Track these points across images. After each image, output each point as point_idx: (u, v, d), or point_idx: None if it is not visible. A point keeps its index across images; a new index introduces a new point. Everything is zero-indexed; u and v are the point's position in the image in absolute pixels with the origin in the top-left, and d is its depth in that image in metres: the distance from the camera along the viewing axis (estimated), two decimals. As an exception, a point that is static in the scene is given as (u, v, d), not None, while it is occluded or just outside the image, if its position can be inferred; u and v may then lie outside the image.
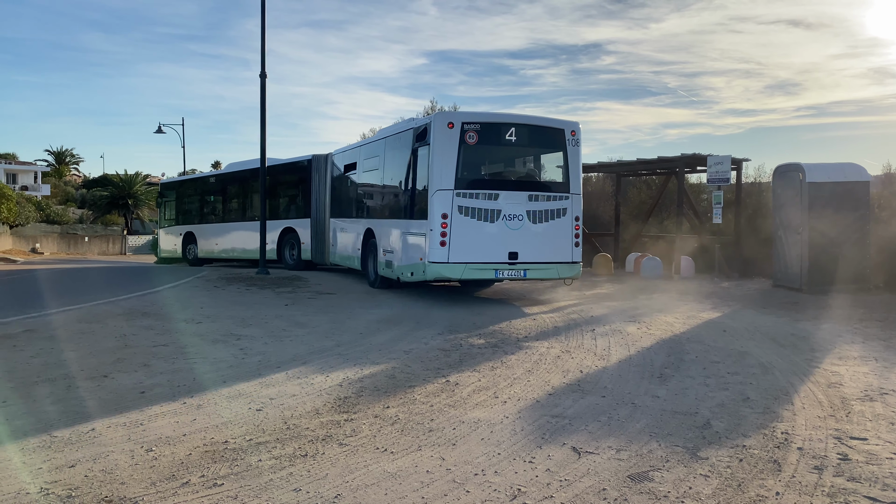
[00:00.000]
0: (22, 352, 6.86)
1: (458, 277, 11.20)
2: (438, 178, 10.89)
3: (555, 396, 5.73)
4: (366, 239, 13.84)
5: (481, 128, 11.11)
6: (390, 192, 13.18)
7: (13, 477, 3.74)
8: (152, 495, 3.54)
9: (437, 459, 4.17)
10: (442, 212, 10.79)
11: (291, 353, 7.26)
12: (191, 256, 22.66)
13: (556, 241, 11.40)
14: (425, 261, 10.92)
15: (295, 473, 3.88)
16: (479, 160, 11.50)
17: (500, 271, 11.12)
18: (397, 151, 12.73)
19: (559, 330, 8.90)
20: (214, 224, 21.68)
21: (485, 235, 10.94)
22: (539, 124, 11.78)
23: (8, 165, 66.98)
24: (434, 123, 11.15)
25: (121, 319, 8.89)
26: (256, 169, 18.79)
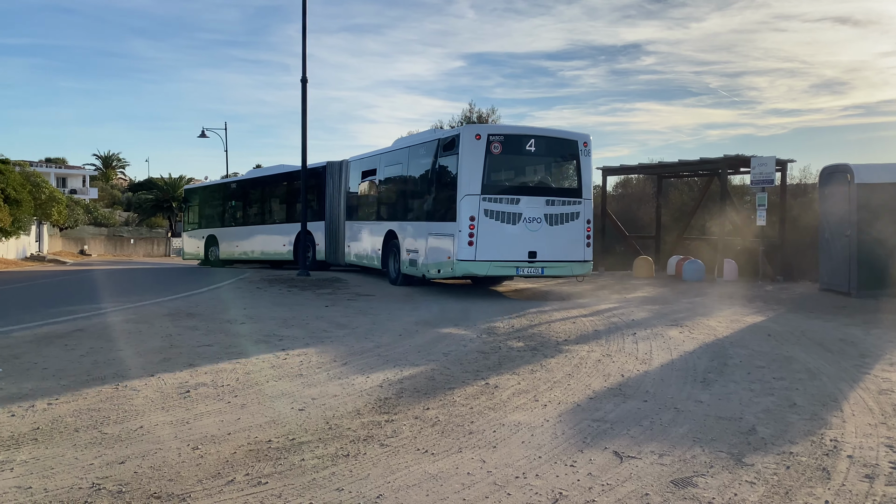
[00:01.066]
0: (73, 351, 7.06)
1: (484, 274, 12.27)
2: (467, 184, 11.99)
3: (596, 400, 5.68)
4: (387, 240, 14.80)
5: (504, 139, 12.34)
6: (414, 197, 14.19)
7: (67, 472, 3.84)
8: (199, 492, 3.61)
9: (478, 461, 4.17)
10: (470, 214, 11.90)
11: (332, 353, 7.34)
12: (212, 258, 23.65)
13: (570, 242, 12.48)
14: (453, 259, 12.05)
15: (337, 473, 3.92)
16: (503, 168, 12.69)
17: (521, 268, 12.25)
18: (423, 160, 13.80)
19: (599, 333, 8.82)
20: (235, 227, 22.67)
21: (507, 236, 12.04)
22: (555, 136, 12.98)
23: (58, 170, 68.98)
24: (463, 135, 12.29)
25: (167, 320, 9.09)
26: (274, 175, 20.76)
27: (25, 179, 34.79)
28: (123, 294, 12.66)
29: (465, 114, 26.99)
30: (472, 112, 26.88)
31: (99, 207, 61.07)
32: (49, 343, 7.38)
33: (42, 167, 61.83)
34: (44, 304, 11.21)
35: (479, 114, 26.78)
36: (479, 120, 26.58)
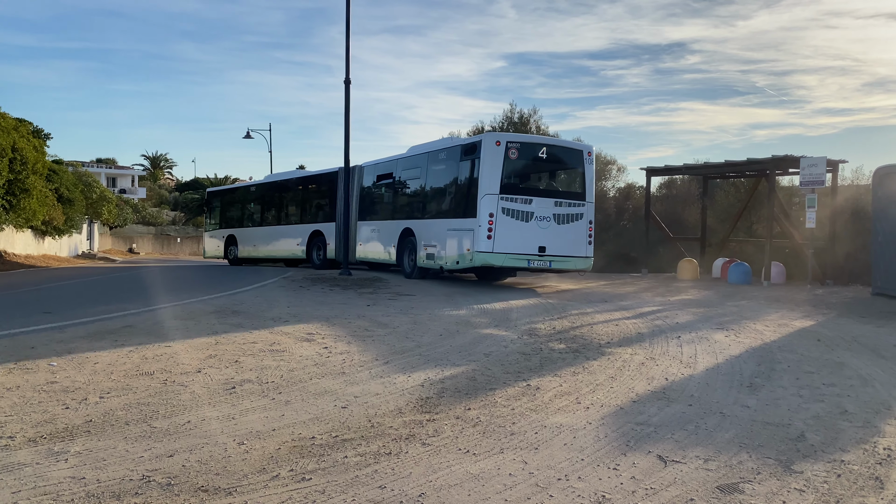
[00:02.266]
0: (122, 346, 7.24)
1: (500, 265, 13.71)
2: (487, 185, 13.46)
3: (639, 404, 5.62)
4: (402, 237, 16.18)
5: (520, 146, 13.90)
6: (433, 197, 15.72)
7: (118, 464, 3.95)
8: (245, 487, 3.67)
9: (520, 463, 4.16)
10: (489, 211, 13.38)
11: (373, 352, 7.39)
12: (231, 257, 25.02)
13: (575, 239, 14.00)
14: (473, 251, 13.47)
15: (380, 471, 3.95)
16: (518, 172, 14.07)
17: (532, 261, 13.68)
18: (443, 163, 15.30)
19: (643, 336, 8.71)
20: (253, 228, 23.99)
21: (520, 231, 13.52)
22: (564, 146, 14.90)
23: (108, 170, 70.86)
24: (484, 141, 13.80)
25: (212, 317, 9.26)
26: (289, 179, 22.50)
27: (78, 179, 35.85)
28: (170, 291, 12.94)
29: (507, 114, 26.88)
30: (513, 112, 26.76)
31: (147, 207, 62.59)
32: (100, 338, 7.59)
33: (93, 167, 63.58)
34: (95, 300, 11.53)
35: (521, 114, 26.65)
36: (520, 120, 26.44)
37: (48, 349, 6.92)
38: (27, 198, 25.99)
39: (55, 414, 4.87)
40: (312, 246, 20.36)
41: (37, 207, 26.89)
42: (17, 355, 6.59)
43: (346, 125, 17.30)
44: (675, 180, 26.91)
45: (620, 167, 26.94)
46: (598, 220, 24.99)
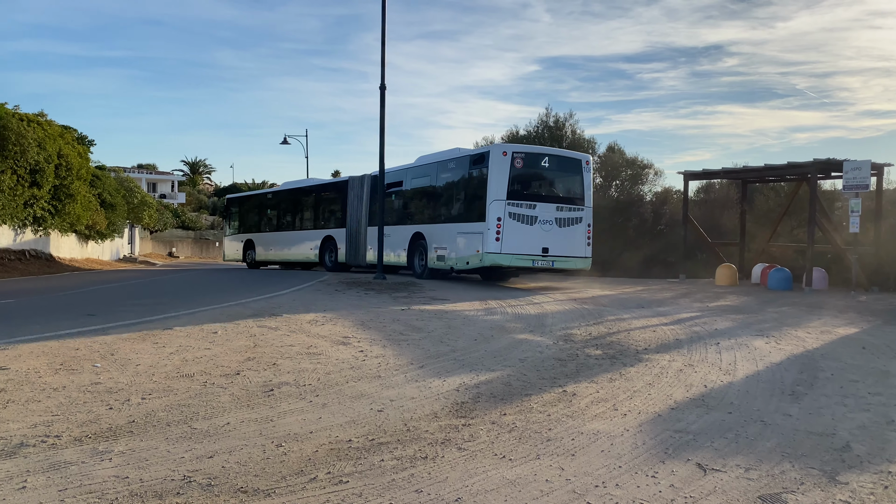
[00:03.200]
0: (163, 348, 7.38)
1: (507, 264, 14.86)
2: (495, 191, 14.69)
3: (678, 411, 5.54)
4: (413, 241, 17.35)
5: (525, 156, 15.11)
6: (443, 203, 16.84)
7: (160, 464, 4.02)
8: (283, 489, 3.71)
9: (557, 469, 4.13)
10: (497, 216, 14.60)
11: (408, 356, 7.41)
12: (249, 260, 26.25)
13: (575, 242, 15.20)
14: (482, 252, 14.68)
15: (416, 475, 3.96)
16: (523, 179, 15.12)
17: (536, 261, 14.87)
18: (452, 172, 16.50)
19: (681, 342, 8.60)
20: (269, 233, 25.20)
21: (526, 234, 14.72)
22: (564, 155, 16.07)
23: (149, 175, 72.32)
24: (492, 151, 15.06)
25: (250, 321, 9.39)
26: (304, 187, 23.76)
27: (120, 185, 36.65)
28: (209, 294, 13.15)
29: (542, 118, 26.79)
30: (548, 116, 26.67)
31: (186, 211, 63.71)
32: (142, 340, 7.74)
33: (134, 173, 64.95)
34: (136, 303, 11.76)
35: (557, 118, 26.55)
36: (556, 124, 26.35)
37: (92, 351, 7.08)
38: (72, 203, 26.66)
39: (99, 414, 4.98)
40: (325, 250, 21.55)
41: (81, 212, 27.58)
42: (62, 356, 6.75)
43: (382, 131, 17.41)
44: (713, 184, 26.53)
45: (657, 171, 26.67)
46: (636, 225, 24.88)
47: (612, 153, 26.55)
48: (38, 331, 8.19)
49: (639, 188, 26.42)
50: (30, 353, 6.87)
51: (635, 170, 26.17)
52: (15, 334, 7.90)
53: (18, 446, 4.23)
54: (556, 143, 26.01)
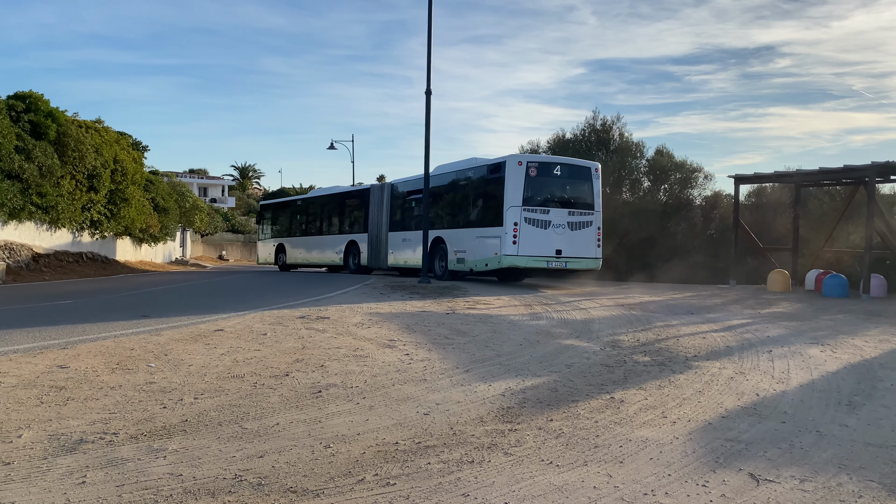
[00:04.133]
0: (214, 349, 7.54)
1: (524, 266, 15.93)
2: (511, 198, 15.84)
3: (728, 419, 5.43)
4: (434, 245, 18.26)
5: (539, 165, 16.23)
6: (462, 209, 17.94)
7: (212, 462, 4.11)
8: (331, 489, 3.75)
9: (604, 476, 4.09)
10: (514, 221, 15.70)
11: (454, 360, 7.43)
12: (280, 263, 27.74)
13: (586, 243, 16.36)
14: (500, 254, 15.83)
15: (463, 479, 3.97)
16: (537, 186, 16.14)
17: (550, 262, 16.03)
18: (471, 181, 17.72)
19: (731, 350, 8.42)
20: (298, 237, 26.64)
21: (540, 237, 15.83)
22: (574, 164, 17.07)
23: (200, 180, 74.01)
24: (508, 161, 16.13)
25: (298, 323, 9.52)
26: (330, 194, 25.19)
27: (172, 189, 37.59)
28: (258, 297, 13.39)
29: (589, 121, 26.50)
30: (595, 119, 26.37)
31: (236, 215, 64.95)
32: (194, 341, 7.92)
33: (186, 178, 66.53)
34: (188, 305, 12.04)
35: (604, 121, 26.25)
36: (603, 127, 26.06)
37: (146, 351, 7.28)
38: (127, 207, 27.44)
39: (154, 413, 5.11)
40: (348, 254, 22.94)
41: (135, 216, 28.37)
42: (118, 356, 6.96)
43: (427, 135, 17.50)
44: (764, 188, 25.92)
45: (707, 175, 26.13)
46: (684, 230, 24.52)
47: (660, 156, 26.13)
48: (96, 331, 8.45)
49: (688, 192, 25.95)
50: (88, 352, 7.10)
51: (684, 173, 25.71)
52: (74, 334, 8.17)
53: (78, 442, 4.37)
54: (604, 146, 25.75)
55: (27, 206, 20.77)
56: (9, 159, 19.42)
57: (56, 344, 7.47)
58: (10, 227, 20.89)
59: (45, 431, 4.58)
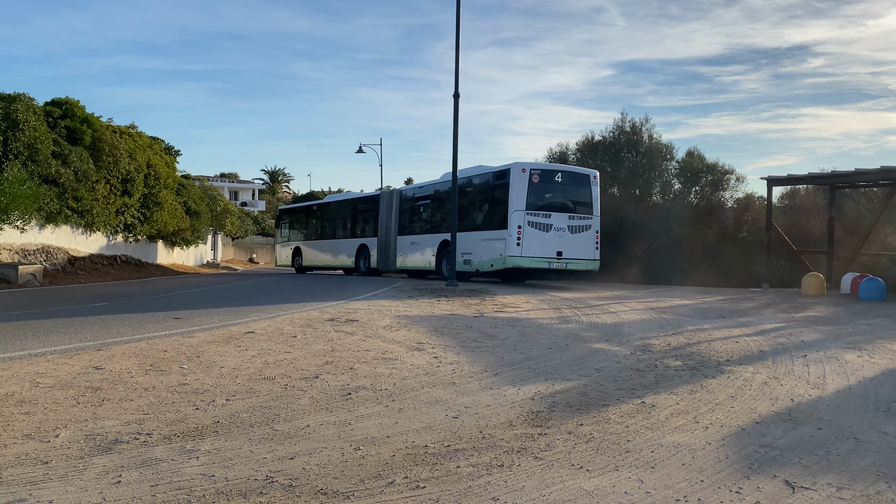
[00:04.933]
0: (246, 351, 7.62)
1: (527, 266, 16.98)
2: (515, 203, 16.91)
3: (763, 425, 5.34)
4: (441, 248, 19.48)
5: (541, 172, 17.38)
6: (469, 214, 19.02)
7: (244, 463, 4.15)
8: (361, 491, 3.77)
9: (636, 481, 4.04)
10: (518, 224, 16.79)
11: (483, 363, 7.41)
12: (296, 265, 29.03)
13: (585, 246, 17.37)
14: (505, 256, 16.87)
15: (492, 482, 3.95)
16: (540, 192, 17.27)
17: (551, 263, 17.10)
18: (477, 187, 18.83)
19: (765, 354, 8.29)
20: (313, 241, 27.86)
21: (542, 240, 16.91)
22: (574, 171, 18.33)
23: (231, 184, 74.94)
24: (513, 169, 17.19)
25: (328, 325, 9.58)
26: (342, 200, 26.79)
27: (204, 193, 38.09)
28: (288, 300, 13.50)
29: (617, 123, 26.29)
30: (624, 121, 26.15)
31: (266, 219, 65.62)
32: (226, 343, 8.01)
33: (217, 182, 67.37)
34: (219, 308, 12.18)
35: (633, 123, 26.03)
36: (632, 129, 25.84)
37: (179, 353, 7.38)
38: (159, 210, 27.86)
39: (186, 414, 5.18)
40: (359, 257, 24.13)
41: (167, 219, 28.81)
42: (152, 357, 7.07)
43: (455, 138, 17.51)
44: (798, 190, 25.51)
45: (739, 177, 25.72)
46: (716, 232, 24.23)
47: (691, 158, 25.83)
48: (130, 332, 8.59)
49: (719, 194, 25.61)
50: (122, 353, 7.22)
51: (716, 175, 25.38)
52: (109, 336, 8.31)
53: (113, 442, 4.45)
54: (633, 148, 25.54)
55: (63, 210, 21.21)
56: (46, 164, 19.85)
57: (92, 345, 7.61)
58: (47, 231, 21.34)
59: (82, 431, 4.67)
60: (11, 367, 6.41)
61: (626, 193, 25.06)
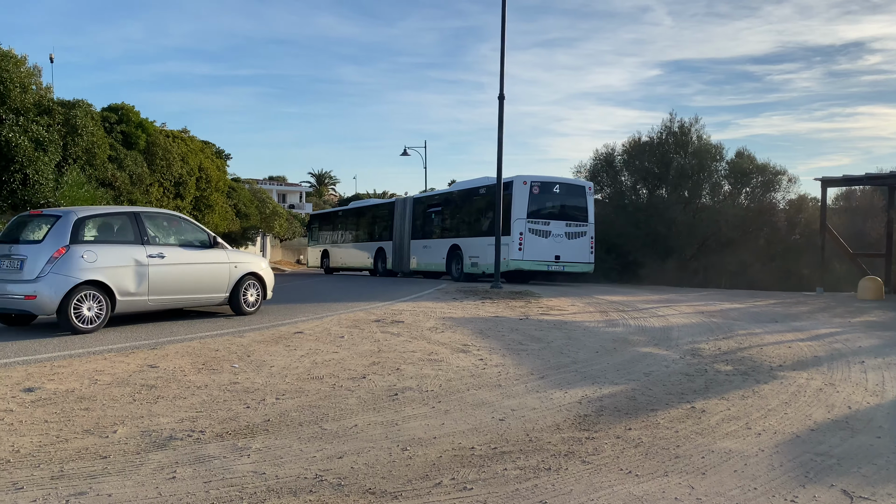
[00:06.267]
0: (295, 351, 7.74)
1: (528, 269, 18.41)
2: (517, 211, 18.31)
3: (818, 433, 5.20)
4: (451, 251, 21.00)
5: (541, 184, 18.68)
6: (475, 220, 20.59)
7: (293, 462, 4.22)
8: (409, 492, 3.79)
9: (686, 487, 3.98)
10: (520, 231, 18.19)
11: (529, 366, 7.38)
12: (324, 267, 30.92)
13: (580, 250, 18.90)
14: (508, 259, 18.00)
15: (540, 486, 3.94)
16: (539, 202, 18.64)
17: (550, 266, 18.47)
18: (483, 197, 20.27)
19: (820, 360, 8.06)
20: (339, 244, 29.97)
21: (541, 245, 18.32)
22: (571, 183, 19.70)
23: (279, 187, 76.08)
24: (515, 181, 18.51)
25: (374, 326, 9.66)
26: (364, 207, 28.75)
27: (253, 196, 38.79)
28: (335, 301, 13.66)
29: (665, 123, 25.83)
30: (672, 122, 25.70)
31: (312, 221, 66.36)
32: (275, 343, 8.15)
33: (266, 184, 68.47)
34: (266, 307, 12.38)
35: (681, 123, 25.57)
36: (680, 130, 25.37)
37: (230, 352, 7.54)
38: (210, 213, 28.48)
39: (238, 412, 5.29)
40: (377, 258, 25.65)
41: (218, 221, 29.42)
42: (204, 357, 7.23)
43: (500, 140, 17.47)
44: (853, 191, 24.73)
45: (791, 178, 25.01)
46: (767, 235, 23.69)
47: (741, 159, 25.25)
48: (182, 332, 8.80)
49: (771, 196, 24.95)
50: (175, 352, 7.40)
51: (767, 176, 24.73)
52: (162, 335, 8.53)
53: (168, 439, 4.56)
54: (682, 149, 25.08)
55: (119, 213, 21.86)
56: (103, 168, 20.48)
57: (146, 344, 7.82)
58: (103, 233, 22.01)
59: (138, 428, 4.80)
60: (72, 365, 6.63)
61: (675, 195, 24.63)
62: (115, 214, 9.75)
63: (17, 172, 16.07)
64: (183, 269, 9.81)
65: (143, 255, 9.26)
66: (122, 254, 9.11)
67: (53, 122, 18.08)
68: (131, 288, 9.11)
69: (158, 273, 9.41)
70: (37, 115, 17.62)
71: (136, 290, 9.17)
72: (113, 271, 8.92)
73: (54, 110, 18.42)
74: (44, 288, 8.36)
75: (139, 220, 9.54)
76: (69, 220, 8.79)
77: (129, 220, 9.50)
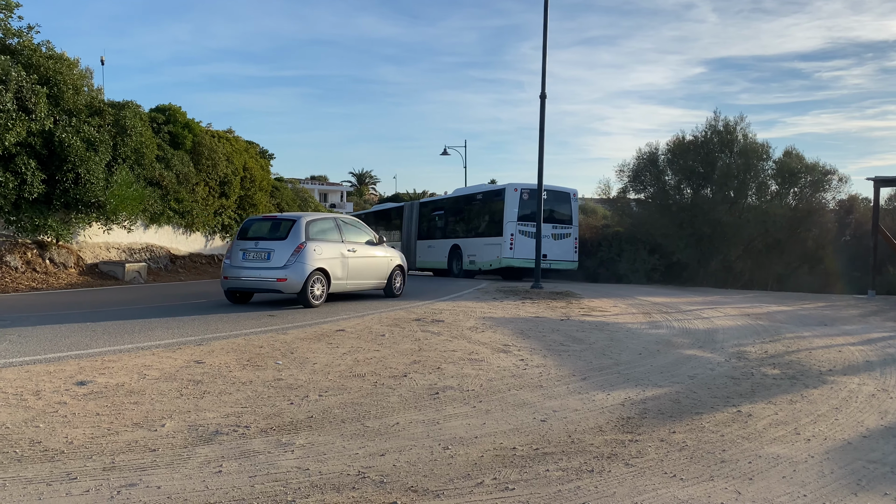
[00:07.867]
0: (337, 349, 7.82)
1: (518, 266, 20.55)
2: (509, 215, 20.62)
3: (870, 440, 5.05)
4: (452, 250, 23.61)
5: (530, 191, 20.44)
6: (473, 223, 23.15)
7: (336, 458, 4.26)
8: (451, 491, 3.80)
9: (733, 492, 3.90)
10: (511, 232, 20.49)
11: (570, 367, 7.33)
12: None
13: (566, 250, 21.15)
14: (500, 257, 20.67)
15: (582, 487, 3.90)
16: (528, 207, 20.51)
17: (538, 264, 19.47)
18: (479, 202, 22.88)
19: (872, 364, 7.84)
20: None
21: (530, 244, 19.48)
22: (557, 189, 21.53)
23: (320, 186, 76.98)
24: (507, 189, 20.95)
25: (415, 325, 9.70)
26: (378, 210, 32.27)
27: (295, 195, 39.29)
28: (374, 298, 13.75)
29: (710, 122, 25.31)
30: (717, 120, 25.19)
31: (353, 220, 66.91)
32: (318, 340, 8.24)
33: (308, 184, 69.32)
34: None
35: (726, 122, 25.07)
36: (725, 128, 24.87)
37: (274, 349, 7.65)
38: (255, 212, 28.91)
39: (281, 408, 5.36)
40: None
41: (261, 220, 29.84)
42: (248, 353, 7.35)
43: (541, 139, 17.40)
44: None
45: (842, 177, 24.31)
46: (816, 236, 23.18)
47: (788, 158, 24.64)
48: (228, 329, 8.96)
49: (820, 196, 24.29)
50: (221, 349, 7.54)
51: (816, 176, 24.08)
52: (208, 331, 8.70)
53: (214, 434, 4.65)
54: (727, 147, 24.58)
55: (166, 212, 22.33)
56: (151, 167, 20.96)
57: (192, 340, 7.98)
58: (150, 231, 22.52)
59: (185, 422, 4.91)
60: (121, 360, 6.81)
61: (720, 195, 24.16)
62: (325, 219, 12.49)
63: (70, 172, 16.54)
64: (366, 261, 12.89)
65: (345, 250, 12.25)
66: (334, 249, 11.98)
67: (104, 122, 18.56)
68: (339, 274, 12.04)
69: (353, 263, 12.43)
70: (88, 115, 18.10)
71: (341, 276, 12.10)
72: (330, 261, 11.84)
73: (105, 111, 18.91)
74: (291, 273, 11.17)
75: (339, 224, 12.64)
76: (302, 223, 11.58)
77: (334, 224, 12.52)
